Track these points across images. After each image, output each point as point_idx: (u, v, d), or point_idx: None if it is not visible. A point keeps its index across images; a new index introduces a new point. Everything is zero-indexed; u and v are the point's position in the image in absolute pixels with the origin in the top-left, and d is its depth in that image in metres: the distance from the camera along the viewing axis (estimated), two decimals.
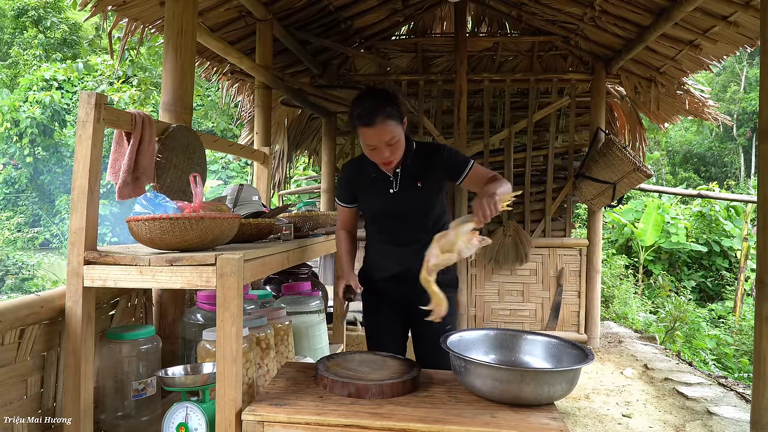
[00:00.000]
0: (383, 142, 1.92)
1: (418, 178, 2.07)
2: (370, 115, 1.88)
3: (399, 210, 2.11)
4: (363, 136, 1.93)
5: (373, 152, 1.97)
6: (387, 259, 2.19)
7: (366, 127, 1.90)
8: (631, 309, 7.04)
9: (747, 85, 19.42)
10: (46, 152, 13.99)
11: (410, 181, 2.08)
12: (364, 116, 1.89)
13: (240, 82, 5.00)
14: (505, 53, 5.31)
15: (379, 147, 1.93)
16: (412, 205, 2.09)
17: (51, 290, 1.67)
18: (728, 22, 3.37)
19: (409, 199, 2.09)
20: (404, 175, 2.08)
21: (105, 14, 3.01)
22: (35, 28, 16.55)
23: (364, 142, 1.95)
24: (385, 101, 1.91)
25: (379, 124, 1.88)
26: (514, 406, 1.49)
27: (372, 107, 1.88)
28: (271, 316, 2.04)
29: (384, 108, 1.89)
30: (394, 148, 1.95)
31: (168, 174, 2.13)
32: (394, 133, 1.92)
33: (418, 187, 2.07)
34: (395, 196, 2.09)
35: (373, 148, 1.95)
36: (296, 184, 8.60)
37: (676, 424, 3.40)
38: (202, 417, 1.53)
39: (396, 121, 1.92)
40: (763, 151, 2.39)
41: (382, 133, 1.90)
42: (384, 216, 2.16)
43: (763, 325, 2.39)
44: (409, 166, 2.07)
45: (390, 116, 1.90)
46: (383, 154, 1.95)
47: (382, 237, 2.21)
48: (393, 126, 1.91)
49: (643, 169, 4.62)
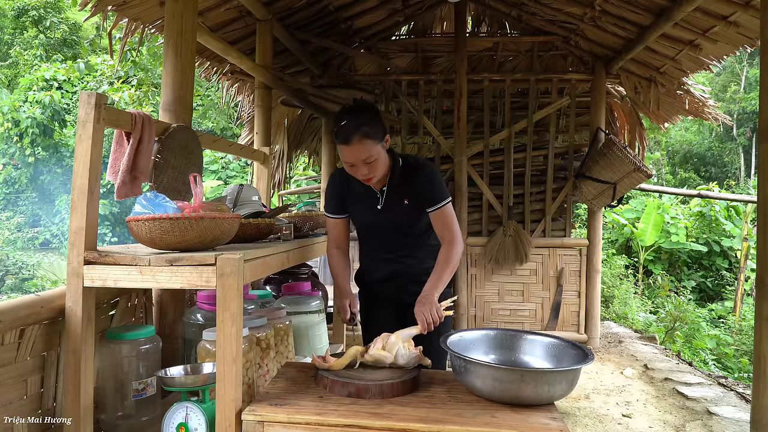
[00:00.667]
0: (360, 160, 1.92)
1: (405, 195, 2.07)
2: (346, 134, 1.88)
3: (386, 225, 2.15)
4: (341, 153, 1.95)
5: (351, 168, 1.98)
6: (377, 262, 2.24)
7: (343, 145, 1.91)
8: (631, 309, 7.04)
9: (747, 85, 19.42)
10: (46, 152, 13.98)
11: (396, 198, 2.09)
12: (341, 134, 1.90)
13: (240, 82, 5.00)
14: (505, 53, 5.31)
15: (357, 164, 1.94)
16: (399, 221, 2.11)
17: (51, 290, 1.67)
18: (728, 22, 3.37)
19: (395, 216, 2.10)
20: (390, 193, 2.09)
21: (105, 14, 3.01)
22: (35, 28, 16.55)
23: (342, 158, 1.96)
24: (365, 120, 1.90)
25: (356, 142, 1.88)
26: (514, 406, 1.49)
27: (349, 125, 1.88)
28: (271, 316, 2.04)
29: (361, 127, 1.88)
30: (372, 167, 1.95)
31: (165, 174, 2.13)
32: (371, 152, 1.92)
33: (405, 204, 2.07)
34: (382, 212, 2.11)
35: (351, 165, 1.96)
36: (296, 184, 8.60)
37: (676, 424, 3.40)
38: (202, 417, 1.53)
39: (374, 140, 1.91)
40: (763, 151, 2.39)
41: (358, 151, 1.90)
42: (371, 229, 2.21)
43: (763, 325, 2.39)
44: (396, 184, 2.08)
45: (367, 135, 1.89)
46: (361, 171, 1.96)
47: (370, 243, 2.26)
48: (370, 145, 1.90)
49: (643, 169, 4.62)
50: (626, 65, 4.79)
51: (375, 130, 1.92)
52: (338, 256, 2.24)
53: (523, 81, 5.25)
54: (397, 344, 1.70)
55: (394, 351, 1.69)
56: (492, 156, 5.36)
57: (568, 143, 5.27)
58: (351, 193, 2.15)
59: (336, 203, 2.19)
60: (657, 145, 18.13)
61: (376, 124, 1.93)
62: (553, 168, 5.27)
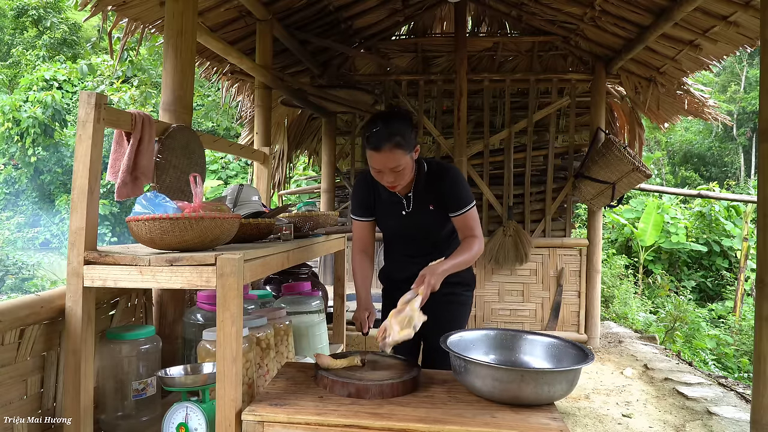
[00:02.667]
0: (388, 168, 1.92)
1: (430, 201, 2.08)
2: (378, 141, 1.87)
3: (411, 230, 2.16)
4: (369, 159, 1.94)
5: (378, 174, 1.98)
6: (402, 263, 2.25)
7: (373, 151, 1.90)
8: (631, 309, 7.04)
9: (747, 85, 19.42)
10: (46, 152, 13.98)
11: (422, 204, 2.09)
12: (373, 140, 1.89)
13: (240, 82, 5.00)
14: (505, 53, 5.31)
15: (384, 171, 1.94)
16: (425, 226, 2.13)
17: (51, 290, 1.67)
18: (728, 22, 3.37)
19: (421, 221, 2.11)
20: (416, 198, 2.10)
21: (105, 14, 3.01)
22: (35, 28, 16.54)
23: (370, 164, 1.95)
24: (398, 129, 1.89)
25: (386, 150, 1.88)
26: (514, 406, 1.49)
27: (382, 133, 1.87)
28: (271, 316, 2.04)
29: (394, 136, 1.87)
30: (398, 176, 1.95)
31: (167, 174, 2.13)
32: (400, 162, 1.91)
33: (431, 210, 2.08)
34: (407, 217, 2.12)
35: (378, 171, 1.95)
36: (296, 184, 8.61)
37: (676, 424, 3.40)
38: (202, 417, 1.53)
39: (404, 150, 1.91)
40: (763, 151, 2.39)
41: (388, 159, 1.89)
42: (397, 233, 2.22)
43: (763, 325, 2.39)
44: (421, 189, 2.08)
45: (399, 145, 1.88)
46: (387, 178, 1.96)
47: (395, 248, 2.28)
48: (400, 155, 1.90)
49: (642, 169, 4.62)
50: (626, 65, 4.79)
51: (407, 140, 1.91)
52: (363, 262, 2.21)
53: (523, 81, 5.25)
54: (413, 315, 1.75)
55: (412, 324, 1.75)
56: (492, 156, 5.36)
57: (568, 143, 5.27)
58: (376, 197, 2.16)
59: (361, 207, 2.19)
60: (657, 145, 18.13)
61: (408, 134, 1.92)
62: (553, 168, 5.27)
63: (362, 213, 2.20)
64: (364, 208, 2.19)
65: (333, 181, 5.67)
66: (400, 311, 1.80)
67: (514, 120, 5.31)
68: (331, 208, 5.65)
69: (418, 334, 2.25)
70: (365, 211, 2.20)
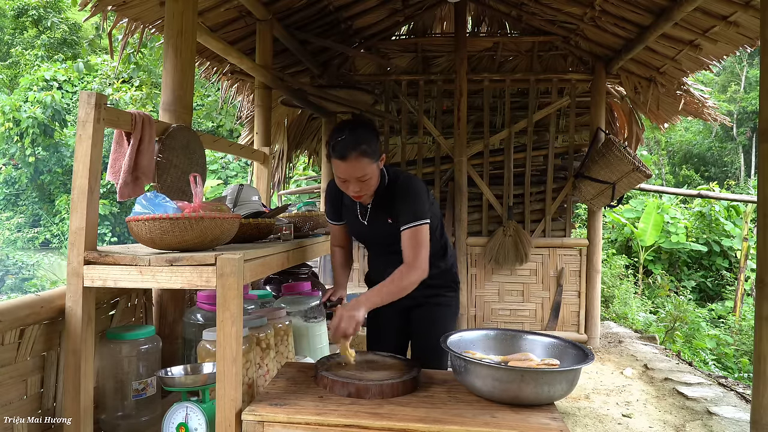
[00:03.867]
0: (354, 177, 1.89)
1: (389, 214, 2.04)
2: (344, 150, 1.85)
3: (376, 239, 2.17)
4: (335, 168, 1.91)
5: (343, 184, 1.96)
6: (378, 266, 2.26)
7: (339, 160, 1.87)
8: (631, 309, 7.04)
9: (747, 85, 19.42)
10: (46, 152, 13.99)
11: (380, 215, 2.07)
12: (338, 149, 1.86)
13: (240, 82, 5.00)
14: (505, 53, 5.31)
15: (350, 181, 1.91)
16: (384, 238, 2.10)
17: (51, 290, 1.67)
18: (728, 22, 3.37)
19: (380, 232, 2.10)
20: (374, 210, 2.08)
21: (105, 14, 3.01)
22: (35, 28, 16.55)
23: (336, 173, 1.93)
24: (363, 137, 1.87)
25: (352, 159, 1.85)
26: (514, 406, 1.49)
27: (348, 142, 1.85)
28: (271, 316, 2.04)
29: (359, 145, 1.85)
30: (365, 185, 1.93)
31: (168, 174, 2.13)
32: (366, 171, 1.89)
33: (389, 223, 2.04)
34: (368, 227, 2.11)
35: (343, 180, 1.93)
36: (296, 184, 8.60)
37: (676, 424, 3.40)
38: (202, 417, 1.53)
39: (370, 158, 1.88)
40: (763, 151, 2.39)
41: (354, 168, 1.87)
42: (363, 240, 2.24)
43: (763, 325, 2.39)
44: (379, 201, 2.06)
45: (365, 153, 1.85)
46: (353, 188, 1.93)
47: (370, 250, 2.31)
48: (366, 164, 1.87)
49: (642, 169, 4.62)
50: (626, 65, 4.79)
51: (373, 148, 1.89)
52: (339, 252, 2.31)
53: (523, 81, 5.25)
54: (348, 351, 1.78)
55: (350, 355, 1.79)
56: (492, 156, 5.36)
57: (568, 143, 5.27)
58: (343, 204, 2.18)
59: (332, 211, 2.22)
60: (657, 145, 18.13)
61: (374, 142, 1.90)
62: (553, 168, 5.27)
63: (333, 217, 2.24)
64: (333, 213, 2.23)
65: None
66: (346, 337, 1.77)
67: (514, 120, 5.31)
68: None
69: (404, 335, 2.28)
70: (335, 215, 2.23)
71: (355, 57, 5.40)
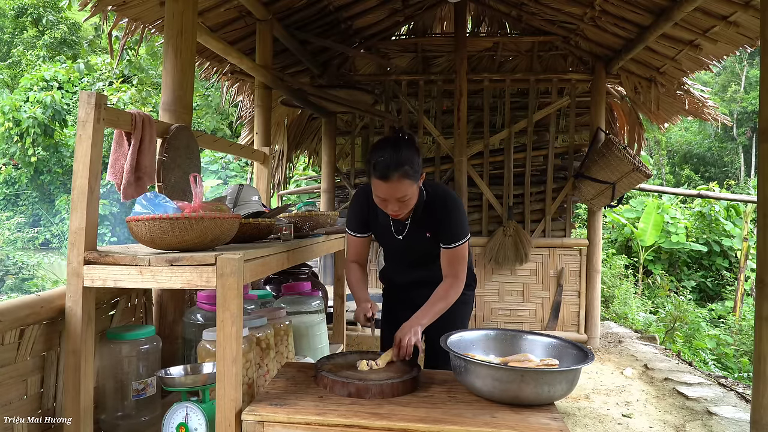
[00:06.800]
0: (394, 198, 1.86)
1: (427, 229, 2.03)
2: (385, 170, 1.80)
3: (407, 252, 2.15)
4: (375, 187, 1.87)
5: (382, 203, 1.92)
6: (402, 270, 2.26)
7: (380, 180, 1.83)
8: (631, 309, 7.04)
9: (747, 85, 19.42)
10: (46, 152, 13.99)
11: (419, 230, 2.05)
12: (380, 169, 1.81)
13: (240, 82, 5.00)
14: (505, 53, 5.31)
15: (389, 200, 1.87)
16: (420, 251, 2.10)
17: (51, 290, 1.67)
18: (728, 22, 3.36)
19: (416, 246, 2.09)
20: (413, 225, 2.06)
21: (105, 14, 3.01)
22: (35, 28, 16.55)
23: (375, 192, 1.89)
24: (406, 157, 1.82)
25: (394, 181, 1.80)
26: (514, 406, 1.49)
27: (389, 162, 1.80)
28: (271, 316, 2.04)
29: (402, 166, 1.80)
30: (404, 205, 1.89)
31: (173, 174, 2.13)
32: (407, 192, 1.85)
33: (427, 237, 2.03)
34: (403, 242, 2.09)
35: (382, 199, 1.89)
36: (296, 184, 8.60)
37: (676, 424, 3.40)
38: (202, 417, 1.53)
39: (412, 180, 1.83)
40: (763, 151, 2.39)
41: (395, 190, 1.83)
42: (394, 252, 2.22)
43: (763, 325, 2.39)
44: (419, 218, 2.03)
45: (407, 175, 1.81)
46: (392, 207, 1.90)
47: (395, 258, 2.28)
48: (408, 185, 1.83)
49: (642, 169, 4.62)
50: (626, 65, 4.79)
51: (415, 168, 1.84)
52: (356, 270, 2.21)
53: (523, 81, 5.25)
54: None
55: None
56: (492, 156, 5.36)
57: (568, 143, 5.27)
58: (373, 216, 2.12)
59: (358, 223, 2.15)
60: (657, 145, 18.13)
61: (417, 162, 1.86)
62: (553, 168, 5.27)
63: (358, 229, 2.16)
64: (360, 224, 2.15)
65: (333, 181, 5.67)
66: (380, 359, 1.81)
67: (514, 120, 5.31)
68: (331, 208, 5.65)
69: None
70: (361, 227, 2.16)
71: (355, 57, 5.40)
